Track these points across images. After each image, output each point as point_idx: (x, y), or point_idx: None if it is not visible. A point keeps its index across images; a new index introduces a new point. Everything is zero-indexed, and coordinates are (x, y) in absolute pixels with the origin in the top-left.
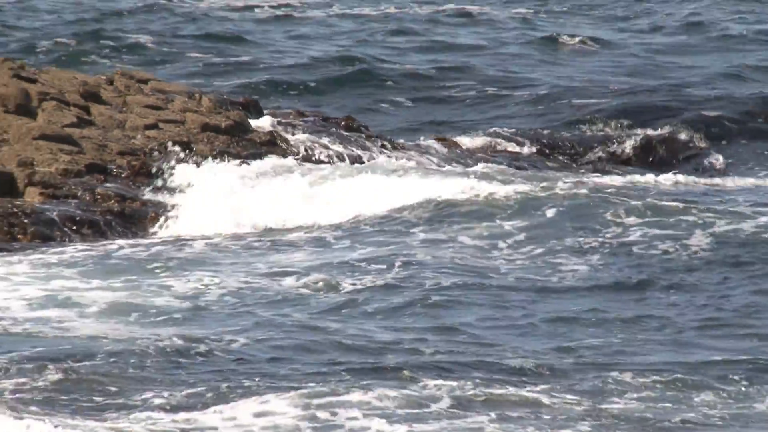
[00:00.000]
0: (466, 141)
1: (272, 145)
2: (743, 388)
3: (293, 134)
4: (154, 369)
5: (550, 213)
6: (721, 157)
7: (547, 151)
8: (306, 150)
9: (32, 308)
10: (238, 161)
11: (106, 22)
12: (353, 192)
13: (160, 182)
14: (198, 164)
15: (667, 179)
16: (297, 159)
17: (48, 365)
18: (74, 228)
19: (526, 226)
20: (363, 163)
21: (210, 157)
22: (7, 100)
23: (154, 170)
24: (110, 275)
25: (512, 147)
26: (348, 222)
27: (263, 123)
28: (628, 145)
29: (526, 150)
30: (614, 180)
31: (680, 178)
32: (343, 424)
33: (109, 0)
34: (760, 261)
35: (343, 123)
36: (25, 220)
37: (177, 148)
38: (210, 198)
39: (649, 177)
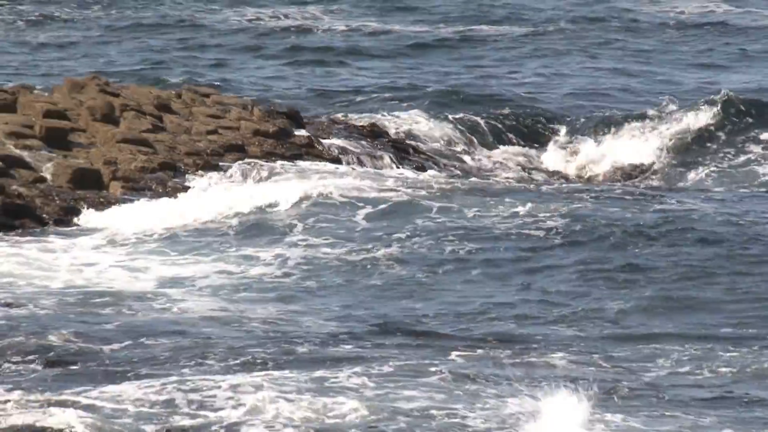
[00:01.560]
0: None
1: (310, 147)
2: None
3: (328, 139)
4: None
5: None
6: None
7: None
8: (337, 151)
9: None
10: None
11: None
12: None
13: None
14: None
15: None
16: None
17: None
18: None
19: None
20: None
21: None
22: (95, 111)
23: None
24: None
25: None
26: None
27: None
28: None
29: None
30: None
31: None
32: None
33: None
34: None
35: (367, 129)
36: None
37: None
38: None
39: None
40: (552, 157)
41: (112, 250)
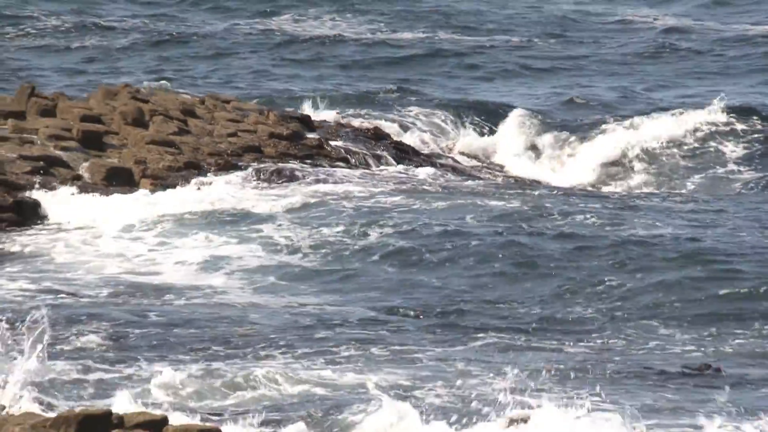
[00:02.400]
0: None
1: (320, 148)
2: None
3: (335, 141)
4: None
5: None
6: None
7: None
8: (344, 152)
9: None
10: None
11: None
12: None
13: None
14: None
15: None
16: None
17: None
18: None
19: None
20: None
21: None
22: (126, 115)
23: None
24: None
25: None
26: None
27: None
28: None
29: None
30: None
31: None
32: None
33: None
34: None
35: (371, 132)
36: None
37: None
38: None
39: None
40: (523, 161)
41: (149, 238)
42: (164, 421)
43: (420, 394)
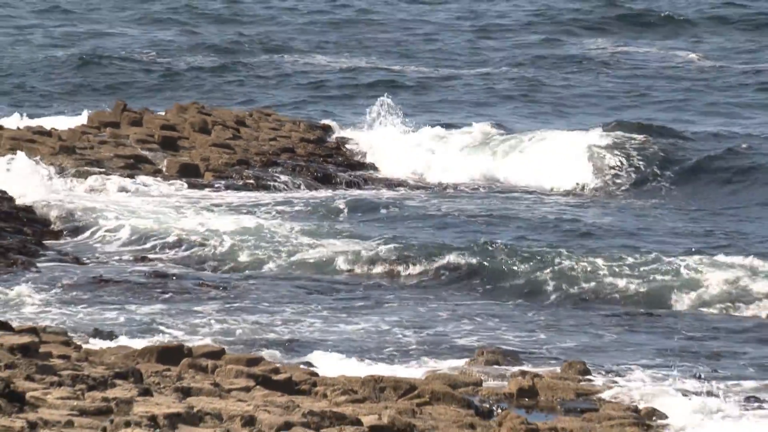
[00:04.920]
0: None
1: (338, 149)
2: None
3: (349, 144)
4: None
5: None
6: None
7: None
8: (356, 151)
9: None
10: None
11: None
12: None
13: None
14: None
15: None
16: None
17: None
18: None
19: None
20: None
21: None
22: (194, 125)
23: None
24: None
25: None
26: None
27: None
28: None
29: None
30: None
31: None
32: None
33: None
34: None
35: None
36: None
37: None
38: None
39: None
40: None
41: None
42: (222, 351)
43: None
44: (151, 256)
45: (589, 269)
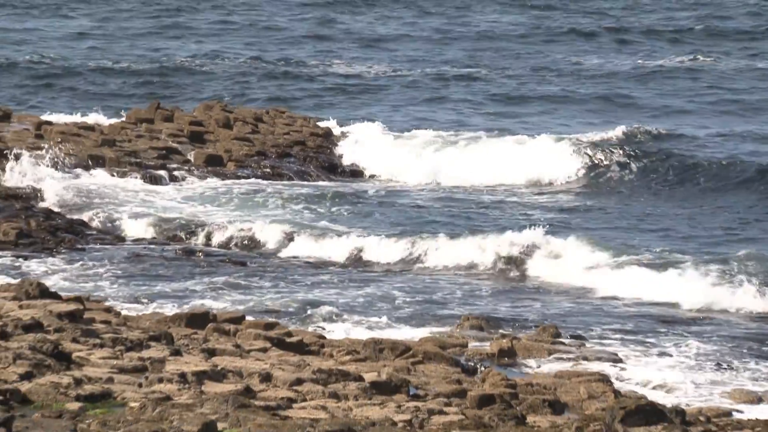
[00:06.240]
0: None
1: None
2: None
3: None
4: None
5: None
6: None
7: None
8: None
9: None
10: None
11: None
12: None
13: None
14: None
15: None
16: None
17: None
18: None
19: None
20: None
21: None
22: (219, 121)
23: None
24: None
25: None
26: None
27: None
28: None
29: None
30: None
31: None
32: None
33: None
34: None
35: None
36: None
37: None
38: None
39: None
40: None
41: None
42: (243, 317)
43: None
44: (181, 235)
45: None
